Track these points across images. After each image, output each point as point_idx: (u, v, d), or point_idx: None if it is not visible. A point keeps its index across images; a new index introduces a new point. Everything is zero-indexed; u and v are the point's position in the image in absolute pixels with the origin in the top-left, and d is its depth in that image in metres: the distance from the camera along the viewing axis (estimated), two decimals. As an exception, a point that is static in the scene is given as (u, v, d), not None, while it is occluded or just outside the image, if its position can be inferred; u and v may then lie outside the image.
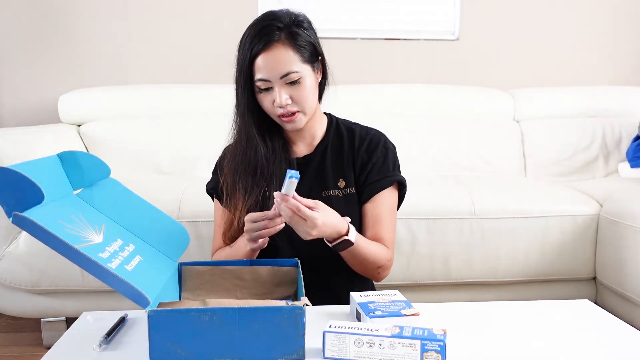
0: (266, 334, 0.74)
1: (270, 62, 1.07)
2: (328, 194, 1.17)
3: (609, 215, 1.74)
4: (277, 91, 1.08)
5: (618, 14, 2.66)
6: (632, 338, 0.86)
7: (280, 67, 1.07)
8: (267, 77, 1.08)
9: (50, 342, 1.80)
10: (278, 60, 1.07)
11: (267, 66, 1.07)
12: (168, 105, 2.29)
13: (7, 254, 1.68)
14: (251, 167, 1.15)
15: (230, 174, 1.17)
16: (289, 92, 1.09)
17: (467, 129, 2.32)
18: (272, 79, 1.08)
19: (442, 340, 0.73)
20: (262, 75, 1.08)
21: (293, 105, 1.10)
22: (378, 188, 1.18)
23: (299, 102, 1.10)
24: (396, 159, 1.23)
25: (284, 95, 1.08)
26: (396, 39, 2.59)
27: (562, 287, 1.83)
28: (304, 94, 1.10)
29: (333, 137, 1.22)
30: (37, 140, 1.91)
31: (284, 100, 1.08)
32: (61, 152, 0.87)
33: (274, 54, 1.07)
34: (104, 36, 2.48)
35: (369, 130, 1.24)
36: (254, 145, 1.15)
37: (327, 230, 1.01)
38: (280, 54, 1.07)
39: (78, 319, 0.94)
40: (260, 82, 1.09)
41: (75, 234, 0.74)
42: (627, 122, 2.37)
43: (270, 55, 1.07)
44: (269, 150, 1.16)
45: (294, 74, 1.08)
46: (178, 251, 0.95)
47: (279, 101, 1.08)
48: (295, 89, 1.09)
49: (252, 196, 1.14)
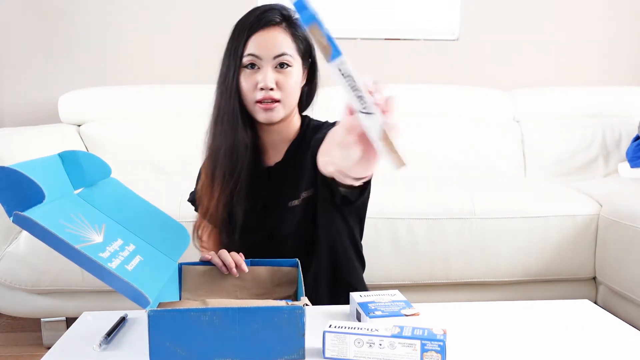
0: (266, 334, 0.74)
1: (266, 39, 1.03)
2: (293, 203, 1.10)
3: (608, 215, 1.74)
4: (265, 71, 1.02)
5: (618, 14, 2.66)
6: (632, 338, 0.86)
7: (275, 46, 1.03)
8: (258, 53, 1.02)
9: (51, 342, 1.80)
10: (275, 39, 1.03)
11: (262, 43, 1.02)
12: (168, 105, 2.29)
13: (8, 253, 1.68)
14: (230, 154, 1.06)
15: (210, 165, 1.10)
16: (276, 77, 1.03)
17: (467, 129, 2.32)
18: (263, 57, 1.02)
19: (442, 340, 0.73)
20: (253, 51, 1.02)
21: (276, 92, 1.04)
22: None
23: (283, 90, 1.04)
24: None
25: (271, 76, 1.02)
26: (396, 39, 2.60)
27: (562, 287, 1.83)
28: (290, 83, 1.04)
29: (302, 141, 1.13)
30: (37, 140, 1.91)
31: (270, 82, 1.02)
32: (62, 151, 0.87)
33: (271, 33, 1.03)
34: (104, 36, 2.48)
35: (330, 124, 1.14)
36: (234, 128, 1.06)
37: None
38: (279, 35, 1.04)
39: (78, 318, 0.94)
40: (249, 58, 1.03)
41: (76, 234, 0.74)
42: (626, 122, 2.37)
43: (268, 33, 1.03)
44: (246, 140, 1.06)
45: (287, 57, 1.03)
46: (178, 251, 0.95)
47: (265, 82, 1.02)
48: (283, 75, 1.04)
49: (225, 193, 1.07)
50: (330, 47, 0.60)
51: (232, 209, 1.09)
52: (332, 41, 0.60)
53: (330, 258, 1.14)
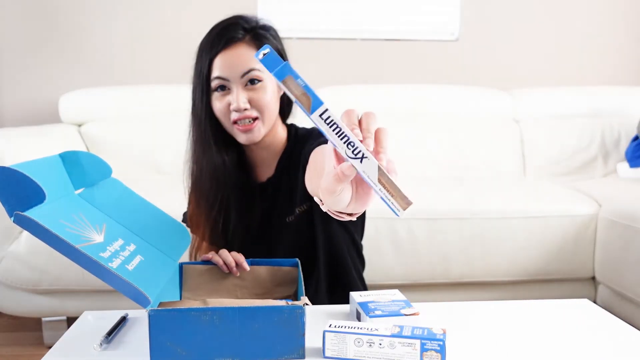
0: (266, 333, 0.75)
1: (231, 59, 0.98)
2: (290, 219, 1.07)
3: (608, 215, 1.74)
4: (235, 92, 0.98)
5: (618, 14, 2.66)
6: (631, 338, 0.86)
7: (241, 64, 0.98)
8: (225, 75, 0.98)
9: (51, 341, 1.80)
10: (239, 57, 0.98)
11: (227, 63, 0.98)
12: (168, 105, 2.28)
13: (9, 253, 1.68)
14: (209, 181, 1.04)
15: (194, 193, 1.09)
16: (248, 95, 0.98)
17: (467, 129, 2.33)
18: (230, 78, 0.98)
19: (442, 340, 0.73)
20: (219, 73, 0.98)
21: (252, 110, 0.99)
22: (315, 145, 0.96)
23: (258, 107, 0.99)
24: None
25: (242, 97, 0.98)
26: (396, 39, 2.60)
27: (562, 287, 1.83)
28: (264, 99, 0.99)
29: (292, 151, 1.09)
30: (38, 140, 1.92)
31: (242, 104, 0.97)
32: (63, 151, 0.87)
33: (236, 51, 0.98)
34: (105, 36, 2.48)
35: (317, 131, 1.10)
36: (209, 155, 1.03)
37: None
38: (243, 52, 0.98)
39: (79, 318, 0.94)
40: (217, 81, 0.99)
41: (77, 234, 0.74)
42: (626, 122, 2.38)
43: (232, 52, 0.98)
44: (225, 170, 1.04)
45: (256, 72, 0.98)
46: (179, 251, 0.95)
47: (237, 104, 0.97)
48: (255, 92, 0.99)
49: (211, 220, 1.05)
50: (309, 97, 0.56)
51: (228, 228, 1.07)
52: (310, 91, 0.56)
53: (330, 267, 1.12)
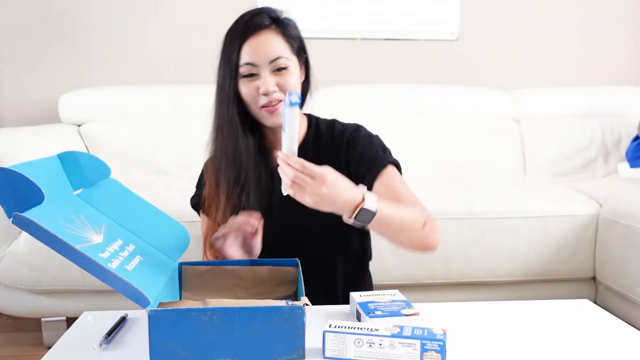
0: (266, 334, 0.74)
1: (259, 46, 1.03)
2: None
3: (608, 215, 1.74)
4: (264, 77, 1.03)
5: (618, 14, 2.66)
6: (632, 338, 0.86)
7: (269, 51, 1.03)
8: (254, 61, 1.02)
9: (51, 341, 1.80)
10: (268, 44, 1.03)
11: (256, 50, 1.02)
12: (168, 105, 2.29)
13: (8, 253, 1.68)
14: (232, 161, 1.08)
15: (213, 176, 1.11)
16: (275, 80, 1.04)
17: (467, 129, 2.33)
18: (260, 64, 1.03)
19: (442, 340, 0.73)
20: (249, 59, 1.03)
21: (279, 93, 1.04)
22: (376, 171, 1.09)
23: (284, 90, 1.04)
24: (383, 144, 1.15)
25: (271, 81, 1.03)
26: (396, 39, 2.60)
27: (562, 287, 1.83)
28: (291, 82, 1.05)
29: (314, 137, 1.15)
30: (38, 140, 1.91)
31: (271, 87, 1.02)
32: (61, 152, 0.87)
33: (264, 38, 1.03)
34: (104, 36, 2.48)
35: (347, 125, 1.17)
36: (235, 137, 1.07)
37: (338, 194, 0.87)
38: (271, 38, 1.04)
39: (78, 318, 0.94)
40: (246, 67, 1.03)
41: (76, 234, 0.74)
42: (626, 122, 2.37)
43: (260, 39, 1.03)
44: (249, 153, 1.08)
45: (283, 60, 1.04)
46: (178, 251, 0.95)
47: (266, 87, 1.02)
48: (282, 77, 1.04)
49: (232, 199, 1.08)
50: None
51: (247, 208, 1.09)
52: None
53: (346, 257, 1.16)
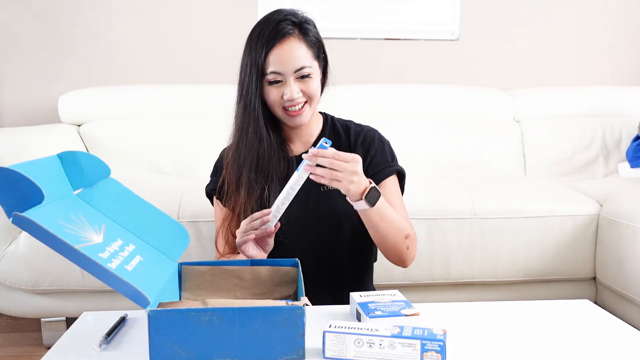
0: (266, 334, 0.74)
1: (284, 55, 1.08)
2: (327, 188, 1.16)
3: (608, 215, 1.74)
4: (290, 85, 1.09)
5: (618, 14, 2.66)
6: (632, 338, 0.86)
7: (294, 61, 1.08)
8: (280, 70, 1.08)
9: (51, 342, 1.80)
10: (292, 54, 1.09)
11: (282, 59, 1.08)
12: (168, 105, 2.29)
13: (7, 254, 1.68)
14: (255, 161, 1.14)
15: (235, 169, 1.15)
16: (299, 87, 1.10)
17: (467, 129, 2.32)
18: (285, 72, 1.09)
19: (442, 340, 0.73)
20: (275, 68, 1.08)
21: (302, 97, 1.11)
22: (381, 177, 1.18)
23: (308, 95, 1.12)
24: (393, 152, 1.24)
25: (296, 88, 1.09)
26: (396, 39, 2.59)
27: (562, 287, 1.83)
28: (313, 88, 1.12)
29: (329, 134, 1.22)
30: (37, 140, 1.91)
31: (296, 94, 1.09)
32: (61, 152, 0.87)
33: (289, 47, 1.09)
34: (104, 36, 2.48)
35: (362, 126, 1.25)
36: (260, 139, 1.14)
37: (361, 175, 0.99)
38: (295, 47, 1.09)
39: (78, 319, 0.94)
40: (272, 75, 1.09)
41: (75, 234, 0.74)
42: (626, 122, 2.37)
43: (285, 48, 1.08)
44: (271, 146, 1.15)
45: (307, 69, 1.10)
46: (178, 251, 0.95)
47: (291, 95, 1.09)
48: (305, 84, 1.11)
49: (255, 192, 1.14)
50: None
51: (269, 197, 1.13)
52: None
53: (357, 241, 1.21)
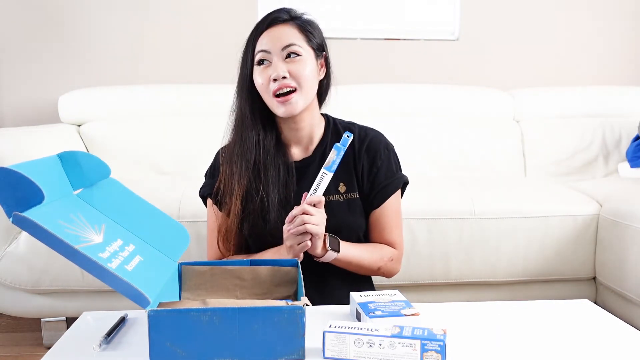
0: (266, 334, 0.74)
1: (274, 35, 1.08)
2: (329, 199, 1.12)
3: (608, 215, 1.74)
4: (275, 63, 1.07)
5: (618, 14, 2.66)
6: (632, 338, 0.86)
7: (282, 39, 1.07)
8: (267, 47, 1.07)
9: (51, 342, 1.80)
10: (282, 33, 1.08)
11: (270, 38, 1.08)
12: (168, 105, 2.29)
13: (7, 253, 1.68)
14: (252, 164, 1.11)
15: (232, 173, 1.13)
16: (287, 67, 1.07)
17: (467, 129, 2.32)
18: (272, 50, 1.07)
19: (442, 340, 0.73)
20: (262, 47, 1.08)
21: (291, 80, 1.07)
22: (389, 192, 1.17)
23: (296, 78, 1.07)
24: (397, 159, 1.21)
25: (282, 66, 1.06)
26: (396, 39, 2.59)
27: (562, 287, 1.83)
28: (303, 70, 1.07)
29: (331, 139, 1.17)
30: (37, 140, 1.91)
31: (281, 72, 1.05)
32: (61, 152, 0.87)
33: (279, 29, 1.09)
34: (104, 36, 2.48)
35: (367, 130, 1.20)
36: (255, 132, 1.11)
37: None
38: (286, 29, 1.09)
39: (78, 319, 0.94)
40: (260, 54, 1.08)
41: (76, 234, 0.74)
42: (626, 122, 2.37)
43: (275, 30, 1.09)
44: (268, 149, 1.12)
45: (296, 47, 1.08)
46: (178, 251, 0.95)
47: (277, 73, 1.05)
48: (294, 64, 1.07)
49: (253, 198, 1.11)
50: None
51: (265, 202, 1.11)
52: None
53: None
